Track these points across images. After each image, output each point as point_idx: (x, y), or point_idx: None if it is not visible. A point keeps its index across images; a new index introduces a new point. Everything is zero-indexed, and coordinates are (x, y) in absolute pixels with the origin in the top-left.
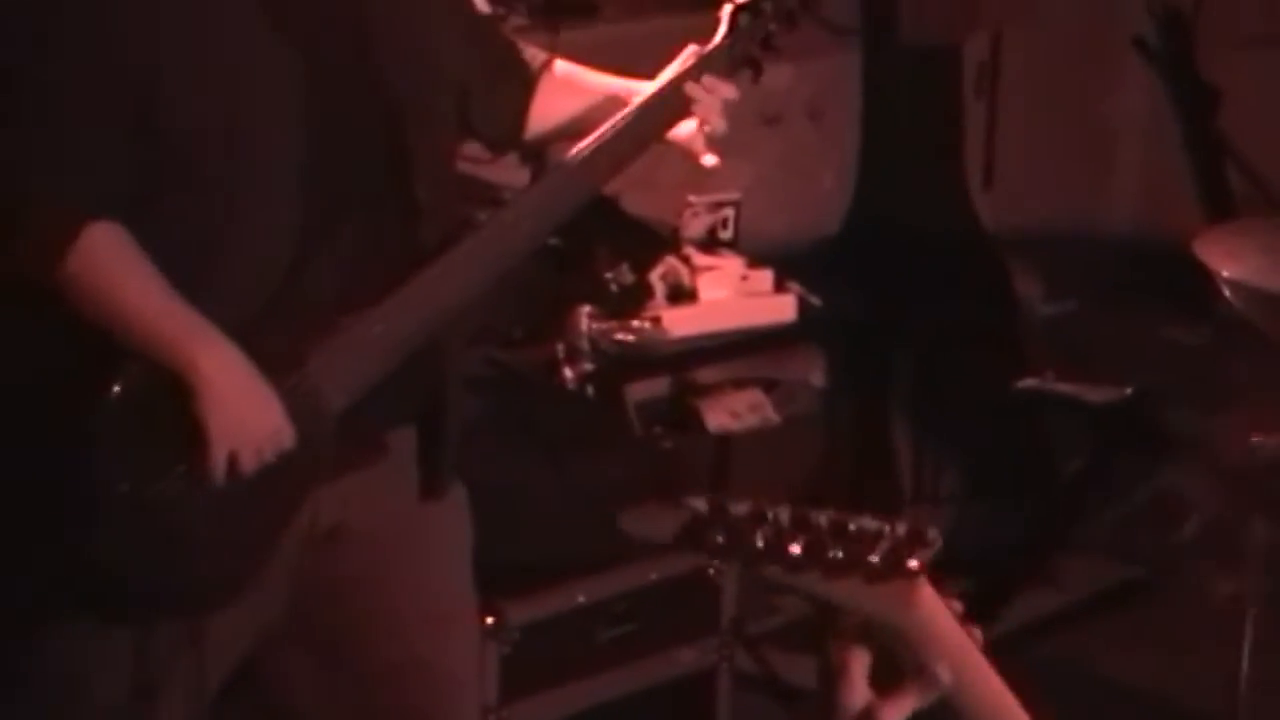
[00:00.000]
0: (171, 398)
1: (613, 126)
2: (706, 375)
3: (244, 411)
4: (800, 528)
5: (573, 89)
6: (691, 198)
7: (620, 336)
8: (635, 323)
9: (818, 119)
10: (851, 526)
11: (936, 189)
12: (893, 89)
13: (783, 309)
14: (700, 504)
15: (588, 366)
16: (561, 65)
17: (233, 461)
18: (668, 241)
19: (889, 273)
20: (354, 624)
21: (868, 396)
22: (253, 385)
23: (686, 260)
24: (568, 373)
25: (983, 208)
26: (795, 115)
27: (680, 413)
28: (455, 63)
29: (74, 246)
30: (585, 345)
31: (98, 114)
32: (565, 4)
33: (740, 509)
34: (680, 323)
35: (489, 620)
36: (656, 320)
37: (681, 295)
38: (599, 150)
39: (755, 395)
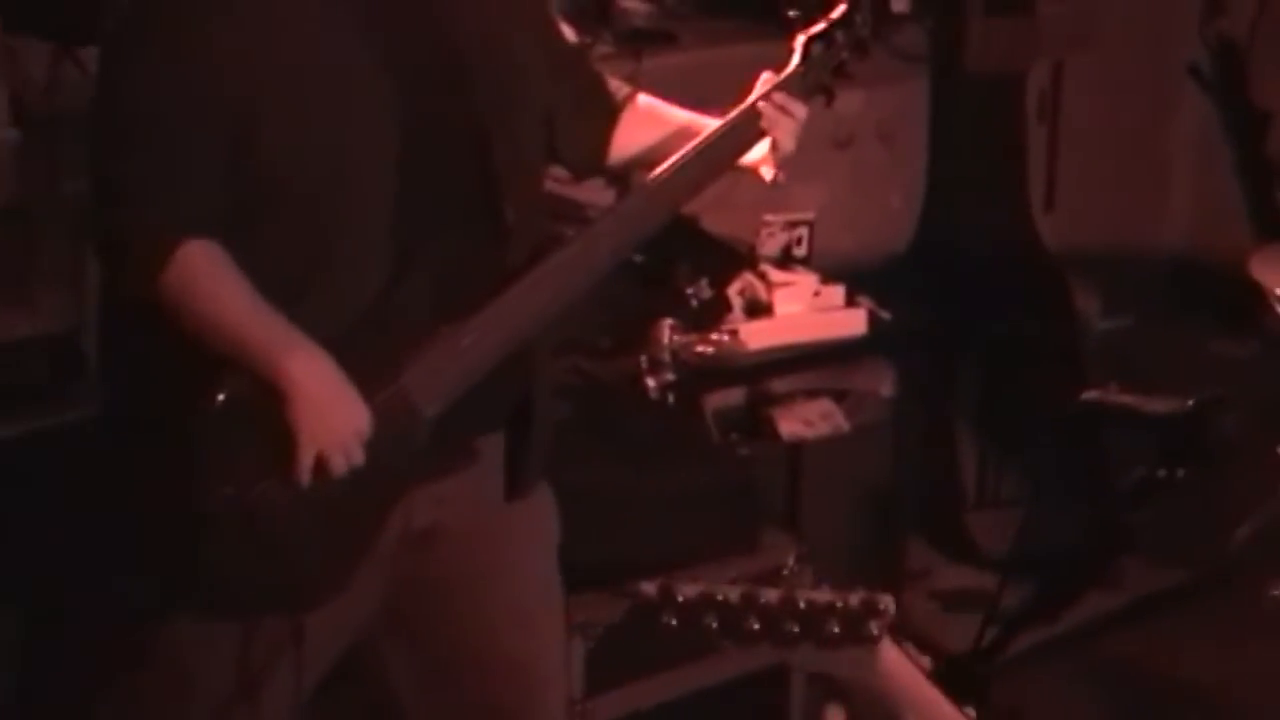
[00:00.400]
0: (270, 405)
1: (690, 151)
2: (780, 385)
3: (331, 413)
4: (751, 606)
5: (653, 121)
6: (767, 217)
7: (700, 348)
8: (714, 335)
9: (888, 143)
10: (801, 603)
11: (1000, 210)
12: (959, 115)
13: (854, 323)
14: (650, 589)
15: (669, 377)
16: (644, 99)
17: (321, 462)
18: (745, 259)
19: (955, 289)
20: (447, 621)
21: (934, 406)
22: (339, 389)
23: (763, 276)
24: (650, 382)
25: (1044, 228)
26: (866, 139)
27: (755, 421)
28: (544, 90)
29: (170, 262)
30: (667, 357)
31: (196, 142)
32: (647, 33)
33: (689, 592)
34: (756, 336)
35: (575, 617)
36: (734, 333)
37: (758, 310)
38: (677, 173)
39: (827, 405)
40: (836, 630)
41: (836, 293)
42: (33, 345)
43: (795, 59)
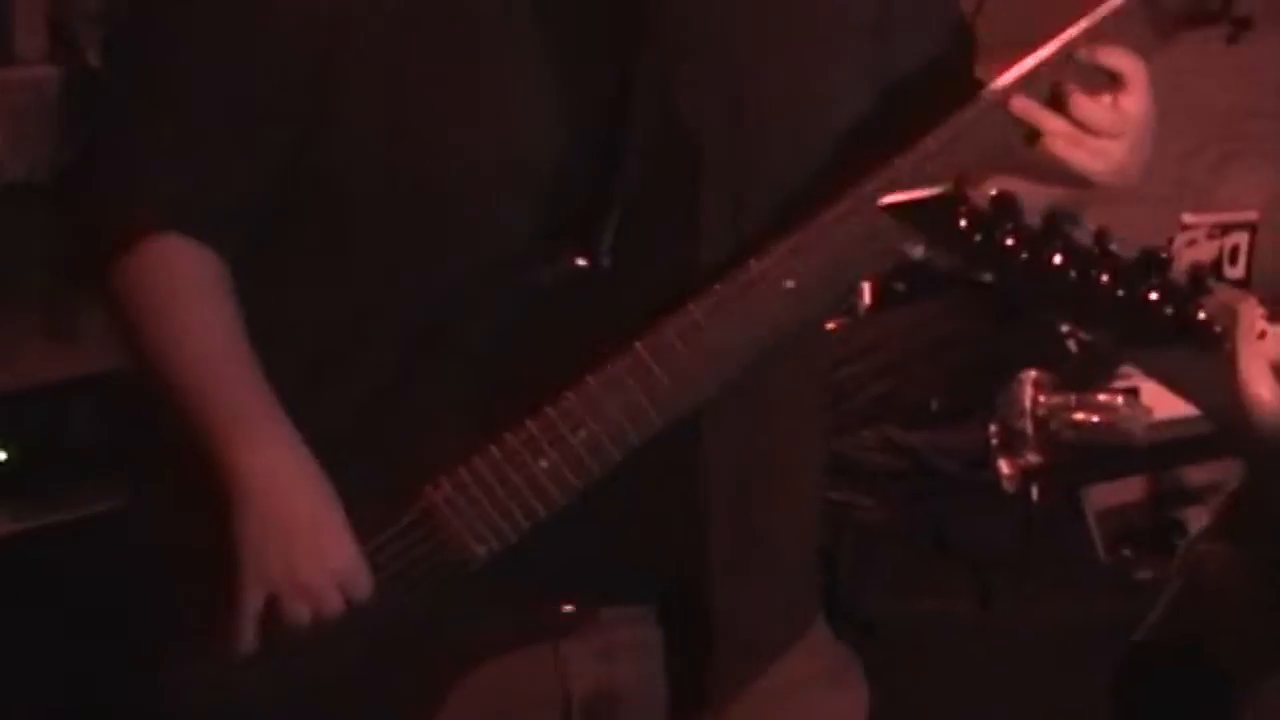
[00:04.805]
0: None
1: (941, 131)
2: (1200, 477)
3: (295, 539)
4: (1057, 236)
5: None
6: (1187, 217)
7: (1079, 417)
8: (1101, 397)
9: None
10: (1113, 246)
11: None
12: None
13: None
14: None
15: (1031, 458)
16: None
17: (271, 610)
18: None
19: None
20: None
21: None
22: (316, 503)
23: None
24: (1003, 466)
25: None
26: None
27: (1162, 530)
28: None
29: (133, 250)
30: (1028, 428)
31: (240, 115)
32: None
33: (981, 202)
34: (1166, 399)
35: None
36: (1132, 394)
37: None
38: (917, 162)
39: None
40: (1155, 299)
41: None
42: (76, 390)
43: None
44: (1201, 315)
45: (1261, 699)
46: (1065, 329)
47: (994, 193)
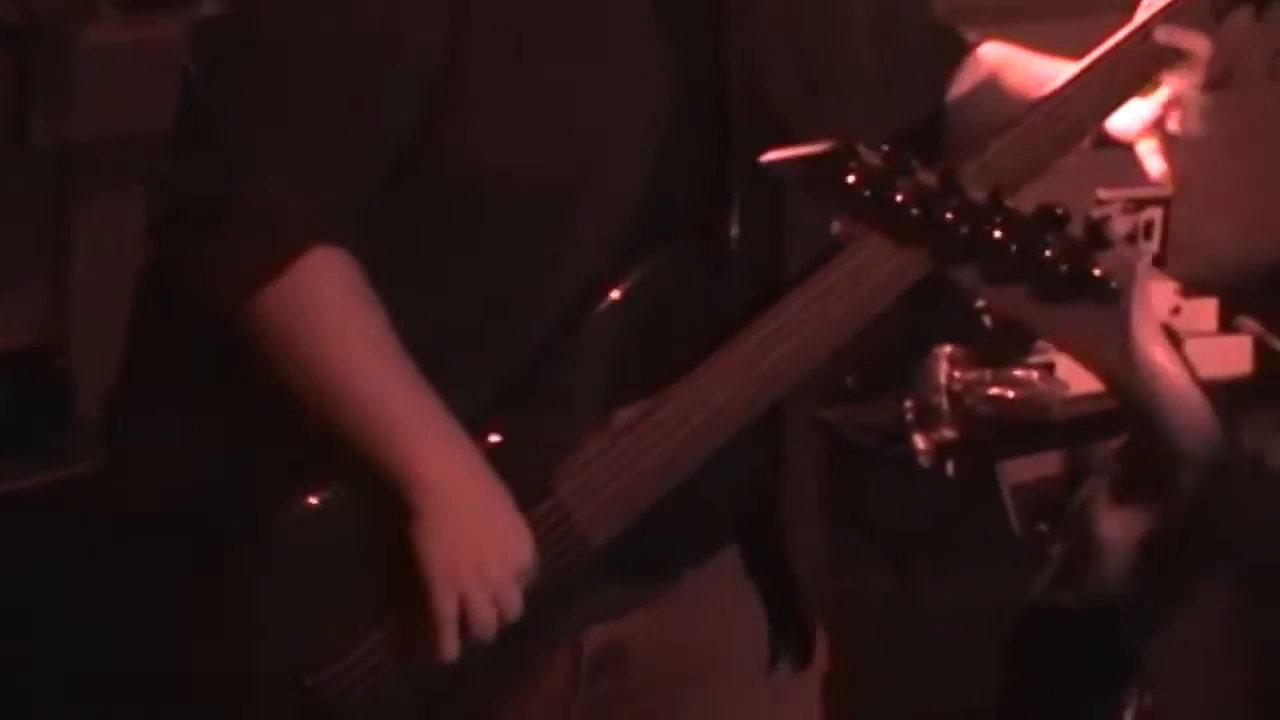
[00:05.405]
0: (377, 524)
1: (1026, 119)
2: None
3: (482, 540)
4: (952, 192)
5: (1008, 74)
6: (1101, 193)
7: (994, 392)
8: (1017, 372)
9: None
10: (1009, 203)
11: None
12: None
13: (1232, 356)
14: (842, 147)
15: (947, 434)
16: (992, 47)
17: (462, 609)
18: None
19: None
20: None
21: None
22: (495, 502)
23: None
24: (919, 441)
25: None
26: (1255, 75)
27: (1077, 504)
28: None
29: (286, 270)
30: (944, 403)
31: (366, 104)
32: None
33: (873, 158)
34: (1082, 374)
35: None
36: (1048, 369)
37: None
38: (1002, 155)
39: None
40: (1052, 257)
41: (1205, 309)
42: None
43: None
44: (1098, 271)
45: (1154, 652)
46: (979, 304)
47: (886, 148)
